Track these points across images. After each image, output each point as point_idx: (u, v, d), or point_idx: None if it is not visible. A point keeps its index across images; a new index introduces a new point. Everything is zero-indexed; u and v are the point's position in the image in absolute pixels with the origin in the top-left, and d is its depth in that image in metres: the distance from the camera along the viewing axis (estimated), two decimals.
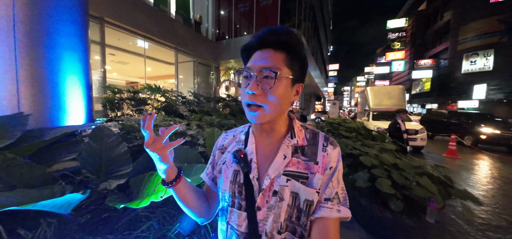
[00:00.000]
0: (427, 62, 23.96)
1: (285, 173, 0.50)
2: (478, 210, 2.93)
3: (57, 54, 1.98)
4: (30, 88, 1.81)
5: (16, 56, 1.73)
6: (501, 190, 3.79)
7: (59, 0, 2.00)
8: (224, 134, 0.66)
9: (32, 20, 1.81)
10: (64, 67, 2.05)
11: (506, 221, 2.67)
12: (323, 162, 0.51)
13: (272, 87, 0.47)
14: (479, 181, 4.29)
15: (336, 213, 0.48)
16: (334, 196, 0.50)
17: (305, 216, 0.49)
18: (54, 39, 1.96)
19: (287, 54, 0.49)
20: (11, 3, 1.70)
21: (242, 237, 0.52)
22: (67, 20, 2.07)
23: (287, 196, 0.49)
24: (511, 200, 3.37)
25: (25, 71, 1.78)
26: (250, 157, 0.55)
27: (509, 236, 2.32)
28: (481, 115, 9.51)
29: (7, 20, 1.69)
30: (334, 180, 0.51)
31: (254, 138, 0.57)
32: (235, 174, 0.55)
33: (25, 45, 1.78)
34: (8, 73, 1.70)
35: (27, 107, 1.79)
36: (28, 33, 1.78)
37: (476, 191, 3.72)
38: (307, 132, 0.57)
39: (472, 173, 4.90)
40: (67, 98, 2.08)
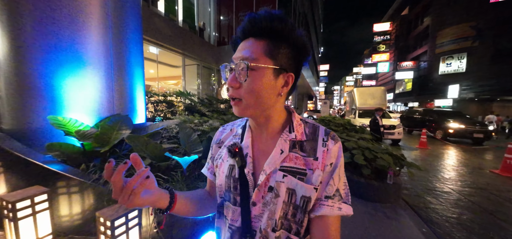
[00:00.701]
0: (408, 64, 25.88)
1: (281, 169, 0.48)
2: (424, 178, 4.00)
3: (131, 71, 2.78)
4: (119, 97, 2.60)
5: (112, 74, 2.52)
6: (449, 167, 4.92)
7: (133, 32, 2.80)
8: (222, 128, 0.65)
9: (119, 46, 2.60)
10: (135, 80, 2.85)
11: (446, 187, 3.74)
12: (323, 158, 0.48)
13: (246, 80, 0.44)
14: (436, 162, 5.42)
15: (337, 211, 0.46)
16: (335, 193, 0.48)
17: (301, 213, 0.47)
18: (130, 59, 2.75)
19: (269, 41, 0.45)
20: (109, 38, 2.48)
21: (237, 233, 0.51)
22: (136, 44, 2.87)
23: (283, 192, 0.47)
24: (453, 173, 4.48)
25: (116, 84, 2.57)
26: (245, 152, 0.53)
27: (439, 195, 3.37)
28: (449, 112, 10.92)
29: (105, 49, 2.46)
30: (335, 177, 0.48)
31: (250, 132, 0.55)
32: (231, 169, 0.53)
33: (115, 65, 2.56)
34: (109, 86, 2.48)
35: (118, 109, 2.58)
36: (116, 57, 2.57)
37: (430, 167, 4.82)
38: (307, 126, 0.54)
39: (434, 158, 6.06)
40: (137, 103, 2.88)
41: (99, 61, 2.37)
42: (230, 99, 0.48)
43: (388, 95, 33.32)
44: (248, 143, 0.53)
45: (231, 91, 0.47)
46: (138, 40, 2.95)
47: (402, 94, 29.04)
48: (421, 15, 25.95)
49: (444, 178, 4.30)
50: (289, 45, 0.46)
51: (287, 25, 0.44)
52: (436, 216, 2.76)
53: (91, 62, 2.31)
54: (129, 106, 2.74)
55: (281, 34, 0.44)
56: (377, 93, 10.72)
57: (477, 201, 3.22)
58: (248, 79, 0.44)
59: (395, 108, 31.47)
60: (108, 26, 2.45)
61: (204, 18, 10.08)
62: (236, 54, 0.47)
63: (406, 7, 29.70)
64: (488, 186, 3.92)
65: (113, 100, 2.52)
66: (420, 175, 4.36)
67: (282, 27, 0.44)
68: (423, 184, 3.92)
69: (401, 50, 29.72)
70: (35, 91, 2.11)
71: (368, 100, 10.53)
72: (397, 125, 8.07)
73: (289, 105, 0.57)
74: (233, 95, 0.47)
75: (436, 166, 5.27)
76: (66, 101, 2.18)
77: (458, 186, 3.86)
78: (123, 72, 2.65)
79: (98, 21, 2.35)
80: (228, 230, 0.52)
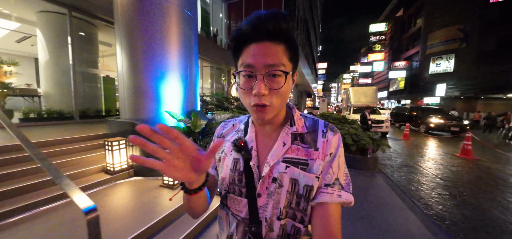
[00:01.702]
0: (401, 64, 27.36)
1: (284, 160, 0.50)
2: (400, 158, 5.40)
3: (195, 80, 4.06)
4: (191, 97, 3.88)
5: (188, 82, 3.79)
6: (423, 152, 6.32)
7: (195, 53, 4.07)
8: (223, 123, 0.67)
9: (190, 63, 3.87)
10: (196, 86, 4.13)
11: (414, 163, 5.12)
12: (323, 148, 0.51)
13: (282, 87, 0.46)
14: (413, 149, 6.81)
15: (337, 198, 0.48)
16: (335, 181, 0.49)
17: (305, 201, 0.49)
18: (195, 71, 4.03)
19: (285, 45, 0.45)
20: (187, 57, 3.74)
21: (243, 223, 0.53)
22: (196, 60, 4.13)
23: (286, 182, 0.49)
24: (424, 156, 5.88)
25: (190, 89, 3.85)
26: (250, 145, 0.55)
27: (414, 168, 4.73)
28: (432, 109, 12.39)
29: (185, 65, 3.72)
30: (334, 166, 0.50)
31: (254, 127, 0.57)
32: (235, 162, 0.55)
33: (189, 76, 3.83)
34: (187, 90, 3.75)
35: (192, 106, 3.86)
36: (189, 70, 3.84)
37: (408, 152, 6.21)
38: (307, 120, 0.57)
39: (413, 146, 7.46)
40: (197, 102, 4.17)
41: (182, 74, 3.65)
42: (255, 105, 0.46)
43: (382, 93, 34.94)
44: (252, 137, 0.56)
45: (259, 98, 0.45)
46: (197, 58, 4.22)
47: (396, 92, 30.59)
48: (414, 17, 27.33)
49: (414, 159, 5.69)
50: (295, 47, 0.48)
51: (294, 26, 0.46)
52: (398, 177, 4.12)
53: (177, 75, 3.58)
54: (195, 104, 4.03)
55: (292, 36, 0.46)
56: (369, 92, 12.10)
57: (432, 172, 4.60)
58: (283, 85, 0.46)
59: (389, 105, 33.05)
60: (186, 48, 3.72)
61: (217, 24, 11.28)
62: (257, 59, 0.44)
63: (400, 9, 31.04)
64: (445, 162, 5.32)
65: (188, 99, 3.81)
66: (398, 156, 5.75)
67: (293, 28, 0.46)
68: (397, 162, 5.29)
69: (395, 50, 31.17)
70: (145, 94, 3.38)
71: (361, 98, 11.91)
72: (385, 120, 9.46)
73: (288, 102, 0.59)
74: (263, 102, 0.45)
75: (412, 151, 6.67)
76: (164, 100, 3.46)
77: (422, 163, 5.24)
78: (192, 80, 3.93)
79: (180, 46, 3.62)
80: (232, 220, 0.55)
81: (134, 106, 3.39)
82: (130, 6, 3.21)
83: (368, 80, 42.15)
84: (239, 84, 0.48)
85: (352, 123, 5.78)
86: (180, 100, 3.63)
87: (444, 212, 2.82)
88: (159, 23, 3.33)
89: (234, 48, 0.49)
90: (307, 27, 17.13)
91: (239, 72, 0.48)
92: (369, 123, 6.86)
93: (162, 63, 3.39)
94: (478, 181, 4.02)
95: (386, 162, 5.23)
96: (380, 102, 36.38)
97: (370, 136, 4.48)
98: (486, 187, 3.72)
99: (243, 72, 0.47)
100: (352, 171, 4.14)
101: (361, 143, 4.21)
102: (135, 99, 3.38)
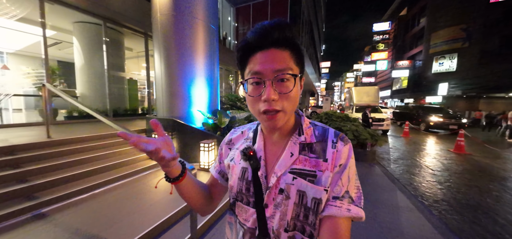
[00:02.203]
0: (404, 63, 27.62)
1: (291, 171, 0.50)
2: (398, 153, 5.96)
3: (217, 83, 4.69)
4: (214, 98, 4.52)
5: (212, 84, 4.43)
6: (420, 148, 6.86)
7: (217, 59, 4.70)
8: (233, 129, 0.67)
9: (213, 68, 4.50)
10: (218, 88, 4.76)
11: (409, 157, 5.69)
12: (333, 159, 0.49)
13: (291, 90, 0.46)
14: (411, 145, 7.35)
15: (346, 212, 0.46)
16: (344, 194, 0.47)
17: (313, 215, 0.47)
18: (217, 75, 4.66)
19: (291, 51, 0.47)
20: (211, 63, 4.37)
21: (249, 232, 0.53)
22: (217, 66, 4.76)
23: (294, 194, 0.48)
24: (420, 151, 6.42)
25: (214, 90, 4.48)
26: (259, 155, 0.55)
27: (409, 162, 5.30)
28: (432, 108, 12.84)
29: (210, 70, 4.36)
30: (344, 178, 0.48)
31: (262, 136, 0.57)
32: (243, 171, 0.55)
33: (213, 79, 4.47)
34: (211, 91, 4.39)
35: (215, 106, 4.50)
36: (213, 74, 4.47)
37: (405, 148, 6.75)
38: (316, 128, 0.55)
39: (412, 143, 7.99)
40: (218, 104, 4.81)
41: (207, 78, 4.29)
42: (262, 112, 0.47)
43: (386, 91, 35.18)
44: (261, 146, 0.56)
45: (269, 104, 0.46)
46: (218, 64, 4.85)
47: (399, 91, 30.85)
48: (417, 16, 27.51)
49: (411, 153, 6.25)
50: (300, 53, 0.49)
51: (296, 34, 0.48)
52: (393, 168, 4.70)
53: (204, 79, 4.23)
54: (217, 103, 4.68)
55: (296, 42, 0.48)
56: (371, 92, 12.61)
57: (425, 164, 5.16)
58: (292, 89, 0.46)
59: (392, 104, 33.30)
60: (211, 57, 4.36)
61: (225, 28, 11.91)
62: (265, 65, 0.45)
63: (404, 8, 31.20)
64: (438, 156, 5.87)
65: (213, 100, 4.46)
66: (396, 151, 6.32)
67: (296, 35, 0.48)
68: (394, 156, 5.86)
69: (398, 49, 31.38)
70: (179, 95, 4.03)
71: (363, 97, 12.43)
72: (386, 119, 9.99)
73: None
74: (274, 107, 0.46)
75: (409, 147, 7.22)
76: (193, 100, 4.11)
77: (417, 157, 5.80)
78: (215, 84, 4.57)
79: (206, 55, 4.25)
80: (239, 229, 0.55)
81: (169, 105, 4.05)
82: (166, 23, 3.86)
83: (371, 79, 42.35)
84: (248, 92, 0.49)
85: (354, 121, 6.36)
86: (206, 101, 4.27)
87: (429, 194, 3.40)
88: (189, 37, 3.97)
89: (241, 58, 0.50)
90: (311, 28, 17.64)
91: (247, 80, 0.48)
92: (370, 121, 7.42)
93: (192, 70, 4.04)
94: (464, 172, 4.58)
95: (384, 156, 5.81)
96: (384, 101, 36.64)
97: (369, 132, 5.07)
98: (470, 176, 4.28)
99: (251, 79, 0.47)
100: None
101: (361, 138, 4.81)
102: (171, 100, 4.04)
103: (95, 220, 1.95)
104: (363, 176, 3.95)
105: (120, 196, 2.45)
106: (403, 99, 29.57)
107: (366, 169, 4.37)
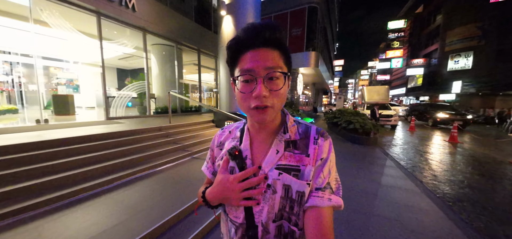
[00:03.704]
0: (419, 61, 27.90)
1: (277, 167, 0.53)
2: (400, 142, 7.51)
3: None
4: None
5: None
6: (422, 139, 8.28)
7: None
8: (220, 131, 0.70)
9: None
10: None
11: (408, 146, 7.22)
12: (314, 154, 0.53)
13: (281, 88, 0.49)
14: (415, 137, 8.76)
15: (328, 202, 0.50)
16: (326, 186, 0.52)
17: (298, 206, 0.52)
18: None
19: (280, 51, 0.50)
20: None
21: (240, 228, 0.56)
22: None
23: (280, 188, 0.52)
24: (421, 141, 7.87)
25: None
26: (245, 154, 0.58)
27: (406, 146, 6.83)
28: (440, 105, 13.87)
29: None
30: (325, 170, 0.53)
31: (249, 135, 0.60)
32: (231, 170, 0.58)
33: None
34: None
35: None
36: None
37: (409, 139, 8.21)
38: (300, 126, 0.59)
39: (416, 136, 9.39)
40: None
41: None
42: (253, 108, 0.50)
43: (401, 89, 35.28)
44: (247, 146, 0.58)
45: (260, 100, 0.48)
46: None
47: (414, 89, 31.04)
48: (433, 14, 27.61)
49: (410, 142, 7.74)
50: (288, 54, 0.53)
51: (285, 36, 0.51)
52: (391, 150, 6.29)
53: None
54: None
55: (284, 44, 0.52)
56: (382, 91, 13.89)
57: (419, 149, 6.68)
58: (282, 87, 0.50)
59: (407, 102, 33.47)
60: None
61: None
62: (257, 63, 0.48)
63: (420, 5, 31.19)
64: (435, 145, 7.32)
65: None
66: (398, 140, 7.85)
67: (284, 37, 0.52)
68: (394, 143, 7.40)
69: (414, 47, 31.48)
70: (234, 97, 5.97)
71: (374, 96, 13.75)
72: (394, 115, 11.34)
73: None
74: (265, 103, 0.49)
75: (411, 138, 8.66)
76: None
77: (414, 144, 7.29)
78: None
79: None
80: (231, 226, 0.59)
81: (229, 104, 6.00)
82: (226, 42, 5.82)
83: (386, 76, 42.34)
84: (239, 89, 0.51)
85: (362, 116, 7.97)
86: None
87: (415, 168, 5.01)
88: None
89: (232, 55, 0.52)
90: (325, 33, 19.01)
91: (238, 77, 0.50)
92: (377, 116, 8.96)
93: None
94: (449, 154, 6.07)
95: (386, 143, 7.37)
96: (399, 98, 36.72)
97: (372, 124, 6.69)
98: (452, 157, 5.78)
99: (242, 77, 0.50)
100: (355, 146, 6.38)
101: (366, 128, 6.45)
102: (229, 100, 5.98)
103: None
104: (365, 154, 5.62)
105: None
106: (418, 96, 29.80)
107: (369, 150, 6.03)
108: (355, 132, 6.81)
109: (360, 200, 2.89)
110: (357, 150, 5.95)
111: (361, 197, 2.98)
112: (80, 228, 1.83)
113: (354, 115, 8.50)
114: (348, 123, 7.20)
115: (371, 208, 2.67)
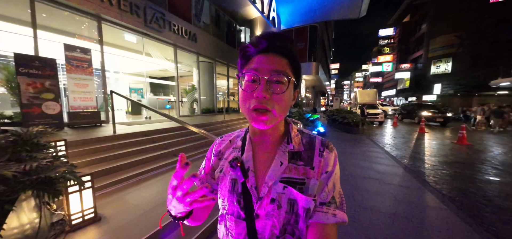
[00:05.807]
0: (406, 66, 30.92)
1: (282, 180, 0.51)
2: (383, 135, 10.15)
3: None
4: None
5: None
6: (401, 132, 10.89)
7: None
8: (220, 139, 0.66)
9: None
10: None
11: (387, 134, 9.83)
12: (319, 167, 0.52)
13: (284, 92, 0.48)
14: (395, 131, 11.37)
15: (332, 217, 0.48)
16: (331, 200, 0.50)
17: (303, 221, 0.50)
18: None
19: (289, 61, 0.50)
20: None
21: None
22: None
23: (285, 203, 0.49)
24: (398, 133, 10.48)
25: None
26: (247, 165, 0.54)
27: (385, 135, 9.42)
28: (424, 105, 16.52)
29: None
30: (330, 184, 0.51)
31: (251, 145, 0.57)
32: (233, 183, 0.54)
33: None
34: None
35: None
36: None
37: (390, 132, 10.81)
38: (304, 136, 0.57)
39: (397, 131, 12.00)
40: None
41: None
42: (253, 110, 0.48)
43: (391, 91, 38.31)
44: (249, 157, 0.55)
45: (261, 101, 0.46)
46: None
47: (403, 90, 34.07)
48: (419, 23, 30.73)
49: (390, 132, 10.34)
50: (298, 66, 0.53)
51: (296, 49, 0.52)
52: (378, 140, 8.85)
53: None
54: None
55: (295, 55, 0.51)
56: (371, 93, 16.67)
57: (394, 136, 9.26)
58: (285, 91, 0.48)
59: (397, 102, 36.49)
60: None
61: None
62: (263, 65, 0.47)
63: (408, 15, 34.37)
64: (407, 134, 9.91)
65: None
66: (381, 130, 10.46)
67: (296, 49, 0.52)
68: (377, 132, 9.98)
69: (402, 52, 34.56)
70: None
71: (365, 98, 16.48)
72: (379, 113, 13.98)
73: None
74: (264, 106, 0.47)
75: (391, 129, 11.28)
76: None
77: (392, 132, 9.87)
78: None
79: None
80: None
81: None
82: None
83: (379, 79, 45.48)
84: (242, 87, 0.49)
85: (354, 113, 10.57)
86: None
87: (385, 145, 7.55)
88: None
89: (242, 58, 0.52)
90: (323, 45, 21.71)
91: (244, 74, 0.49)
92: (365, 113, 11.60)
93: None
94: (414, 139, 8.65)
95: (371, 133, 9.93)
96: (390, 99, 39.76)
97: (361, 119, 9.28)
98: (419, 143, 8.35)
99: (247, 74, 0.49)
100: (349, 134, 8.91)
101: (356, 121, 9.04)
102: None
103: None
104: (354, 140, 8.16)
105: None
106: (407, 97, 32.84)
107: (358, 138, 8.57)
108: (348, 125, 9.39)
109: (350, 158, 5.42)
110: (350, 137, 8.52)
111: (351, 158, 5.50)
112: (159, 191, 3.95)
113: (347, 112, 11.10)
114: (343, 118, 9.80)
115: (357, 161, 5.19)
